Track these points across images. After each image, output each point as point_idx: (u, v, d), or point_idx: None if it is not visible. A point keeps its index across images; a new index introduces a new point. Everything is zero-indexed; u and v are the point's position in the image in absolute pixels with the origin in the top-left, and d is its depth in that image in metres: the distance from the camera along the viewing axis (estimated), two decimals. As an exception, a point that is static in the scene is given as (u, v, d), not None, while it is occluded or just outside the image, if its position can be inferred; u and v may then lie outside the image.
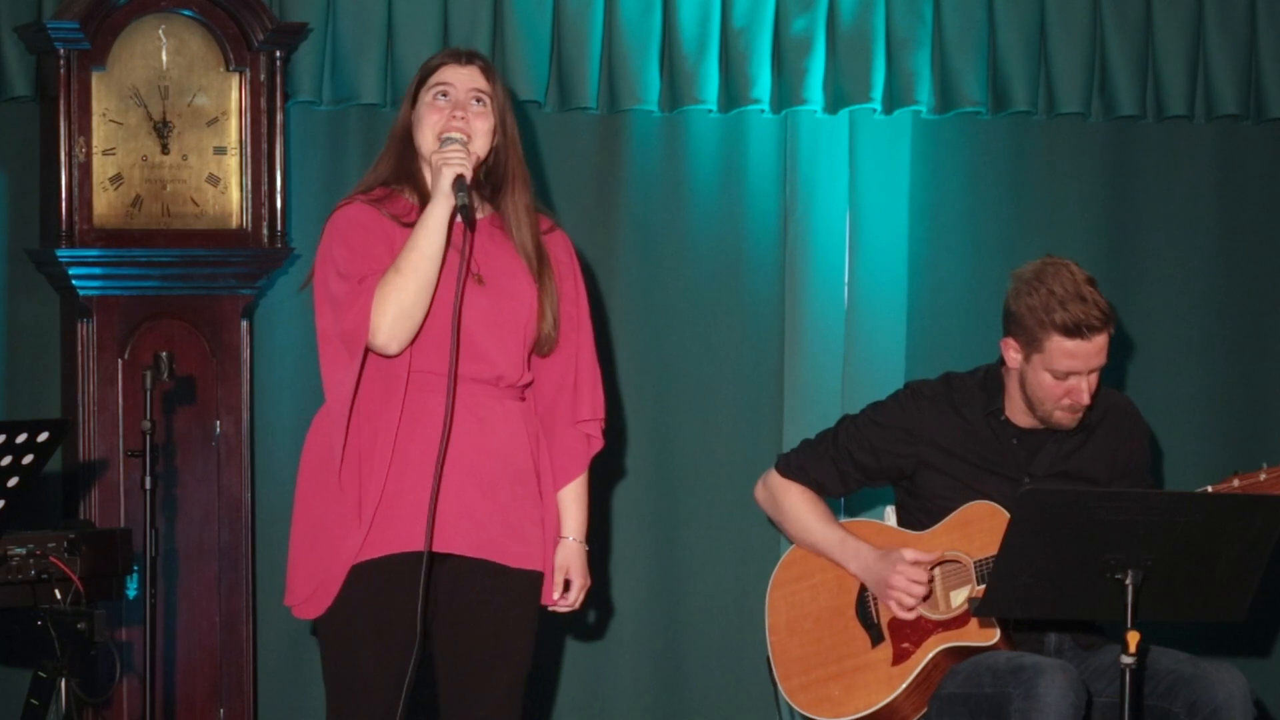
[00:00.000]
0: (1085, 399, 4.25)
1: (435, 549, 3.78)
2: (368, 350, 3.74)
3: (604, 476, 5.44)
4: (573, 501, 3.99)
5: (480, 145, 3.83)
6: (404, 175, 3.89)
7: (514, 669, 3.89)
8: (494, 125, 3.86)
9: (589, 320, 4.00)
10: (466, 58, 3.89)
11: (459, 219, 3.74)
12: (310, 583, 3.84)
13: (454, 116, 3.82)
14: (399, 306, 3.70)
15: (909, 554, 4.25)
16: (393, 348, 3.73)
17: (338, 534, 3.79)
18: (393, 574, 3.77)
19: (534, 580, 3.91)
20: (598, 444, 4.02)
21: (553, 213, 4.08)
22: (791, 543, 4.50)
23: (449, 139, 3.78)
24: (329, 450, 3.80)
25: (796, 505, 4.46)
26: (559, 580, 3.94)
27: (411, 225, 3.80)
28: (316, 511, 3.83)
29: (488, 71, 3.89)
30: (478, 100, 3.85)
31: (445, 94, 3.85)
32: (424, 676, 3.92)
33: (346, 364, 3.75)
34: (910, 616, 4.25)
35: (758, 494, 4.55)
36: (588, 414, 3.99)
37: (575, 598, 3.97)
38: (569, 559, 3.96)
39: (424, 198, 3.84)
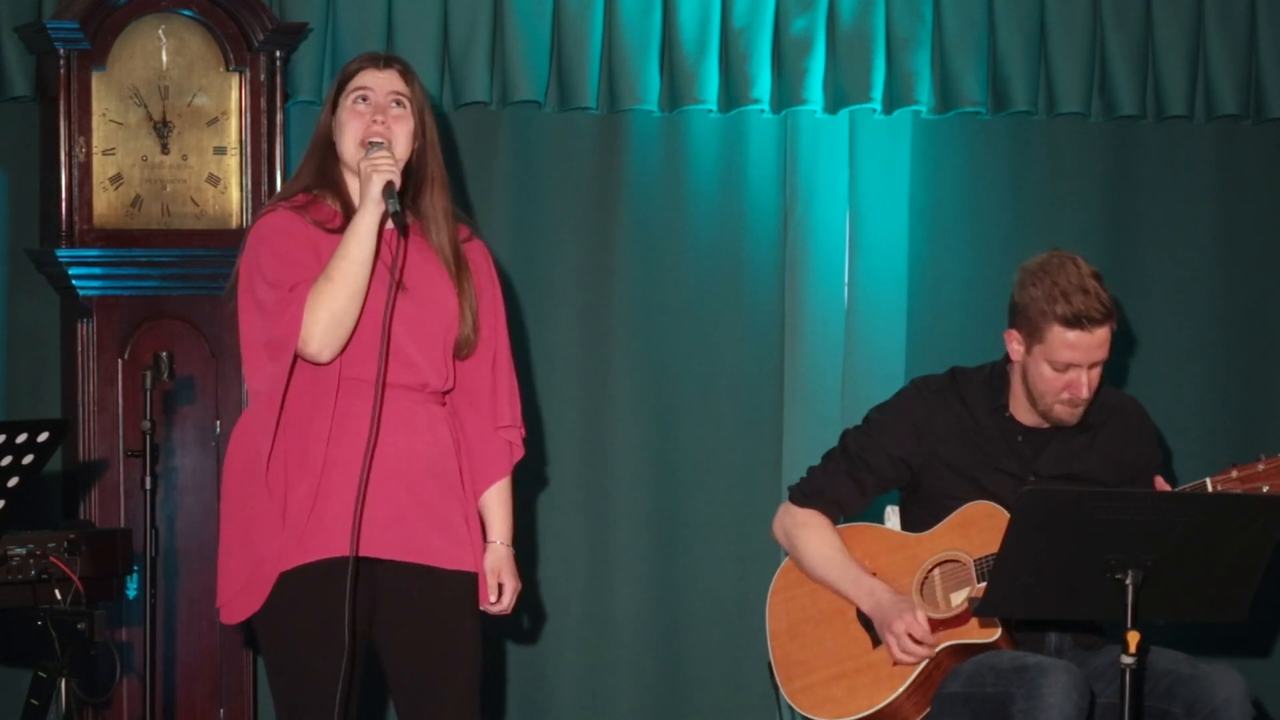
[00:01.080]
0: (1084, 393, 4.24)
1: (367, 554, 3.78)
2: (296, 356, 3.74)
3: (603, 476, 5.45)
4: (497, 506, 3.99)
5: (401, 148, 3.82)
6: (326, 181, 3.88)
7: (467, 672, 3.87)
8: (414, 128, 3.86)
9: (506, 329, 4.00)
10: (384, 61, 3.89)
11: (389, 225, 3.75)
12: (234, 586, 3.82)
13: (374, 120, 3.82)
14: (331, 314, 3.70)
15: (923, 616, 4.21)
16: (325, 355, 3.73)
17: (264, 539, 3.78)
18: (322, 579, 3.76)
19: (468, 581, 3.90)
20: (519, 452, 4.01)
21: (472, 220, 4.09)
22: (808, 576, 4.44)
23: (374, 145, 3.79)
24: (256, 454, 3.79)
25: (810, 540, 4.38)
26: (491, 584, 3.95)
27: (335, 231, 3.80)
28: (244, 515, 3.81)
29: (406, 74, 3.89)
30: (397, 103, 3.85)
31: (365, 98, 3.84)
32: (373, 681, 3.92)
33: (271, 370, 3.75)
34: (908, 660, 4.23)
35: (775, 530, 4.48)
36: (507, 420, 3.99)
37: (508, 601, 3.98)
38: (499, 563, 3.96)
39: (346, 204, 3.85)
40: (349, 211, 3.83)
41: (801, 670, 4.37)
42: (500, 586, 3.96)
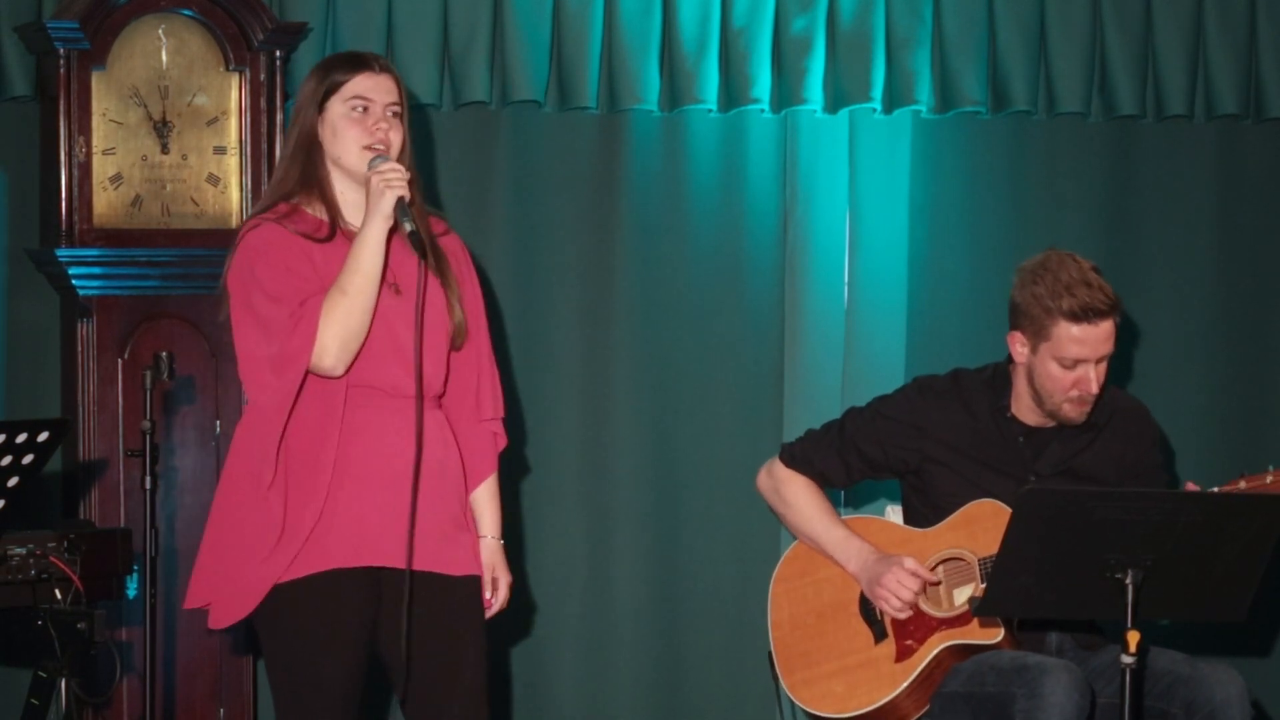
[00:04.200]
0: (1094, 388, 4.24)
1: (376, 563, 3.79)
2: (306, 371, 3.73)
3: (603, 476, 5.45)
4: (488, 500, 4.00)
5: (396, 154, 3.83)
6: (311, 185, 3.86)
7: (473, 675, 3.87)
8: (405, 135, 3.87)
9: (486, 321, 4.01)
10: (379, 66, 3.87)
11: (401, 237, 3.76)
12: (224, 592, 3.80)
13: (375, 129, 3.81)
14: (347, 329, 3.71)
15: (909, 563, 4.26)
16: (339, 369, 3.73)
17: (264, 548, 3.75)
18: (332, 590, 3.76)
19: (474, 584, 3.91)
20: (503, 441, 4.04)
21: (443, 213, 4.08)
22: (790, 532, 4.51)
23: (379, 159, 3.77)
24: (257, 465, 3.77)
25: (800, 497, 4.45)
26: (488, 580, 3.95)
27: (323, 241, 3.79)
28: (243, 523, 3.79)
29: (398, 81, 3.89)
30: (394, 113, 3.86)
31: (365, 108, 3.83)
32: (377, 686, 3.92)
33: (278, 386, 3.73)
34: (900, 615, 4.25)
35: (760, 482, 4.54)
36: (490, 412, 4.00)
37: (504, 596, 3.98)
38: (493, 558, 3.97)
39: (333, 208, 3.83)
40: (336, 216, 3.83)
41: (802, 662, 4.37)
42: (494, 581, 3.97)
